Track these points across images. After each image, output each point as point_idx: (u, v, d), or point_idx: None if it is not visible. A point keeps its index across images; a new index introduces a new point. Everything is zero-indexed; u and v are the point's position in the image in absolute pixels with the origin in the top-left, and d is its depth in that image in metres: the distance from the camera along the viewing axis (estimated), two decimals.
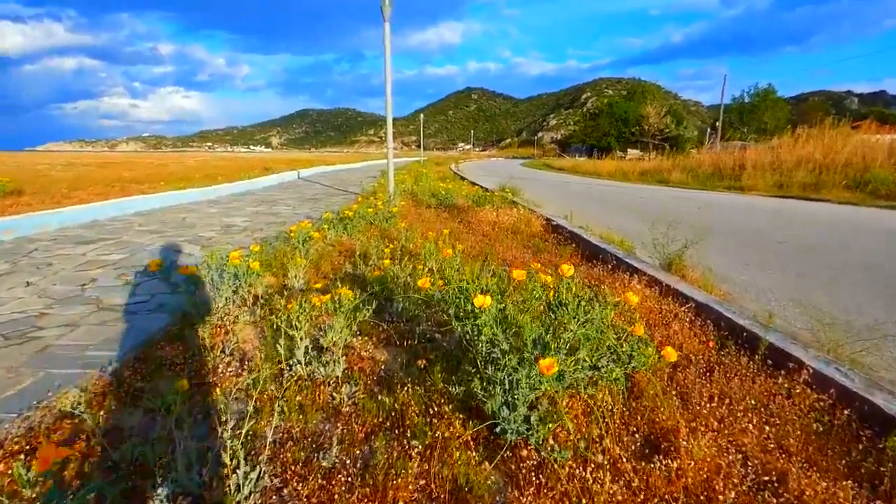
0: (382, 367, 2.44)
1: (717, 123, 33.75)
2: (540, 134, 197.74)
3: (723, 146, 33.23)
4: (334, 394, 2.11)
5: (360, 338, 2.66)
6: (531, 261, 4.79)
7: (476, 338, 1.88)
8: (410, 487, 1.56)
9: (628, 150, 66.34)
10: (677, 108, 75.30)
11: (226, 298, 3.04)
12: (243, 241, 5.87)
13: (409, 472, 1.61)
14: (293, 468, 1.65)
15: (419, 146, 57.33)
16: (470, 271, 2.53)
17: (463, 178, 16.46)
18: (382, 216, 6.67)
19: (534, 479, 1.60)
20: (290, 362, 2.29)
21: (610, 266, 4.28)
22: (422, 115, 41.33)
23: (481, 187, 11.17)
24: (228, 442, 1.42)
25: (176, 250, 5.37)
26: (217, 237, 6.13)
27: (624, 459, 1.67)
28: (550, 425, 1.73)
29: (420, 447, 1.72)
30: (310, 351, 2.32)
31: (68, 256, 5.00)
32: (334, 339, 2.30)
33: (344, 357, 2.35)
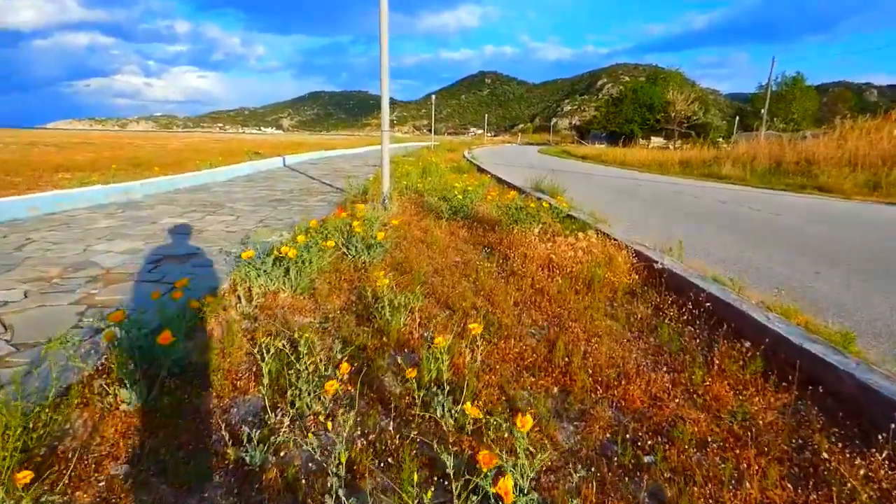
0: None
1: (763, 111, 30.37)
2: (554, 120, 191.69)
3: (746, 137, 29.82)
4: None
5: None
6: (684, 403, 2.06)
7: None
8: None
9: (651, 137, 62.39)
10: (701, 95, 70.67)
11: None
12: (48, 317, 2.84)
13: None
14: None
15: (430, 130, 54.38)
16: None
17: (482, 171, 13.43)
18: (361, 243, 3.97)
19: None
20: None
21: None
22: (433, 97, 38.11)
23: (517, 189, 8.29)
24: None
25: None
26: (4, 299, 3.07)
27: None
28: None
29: None
30: None
31: None
32: None
33: None
